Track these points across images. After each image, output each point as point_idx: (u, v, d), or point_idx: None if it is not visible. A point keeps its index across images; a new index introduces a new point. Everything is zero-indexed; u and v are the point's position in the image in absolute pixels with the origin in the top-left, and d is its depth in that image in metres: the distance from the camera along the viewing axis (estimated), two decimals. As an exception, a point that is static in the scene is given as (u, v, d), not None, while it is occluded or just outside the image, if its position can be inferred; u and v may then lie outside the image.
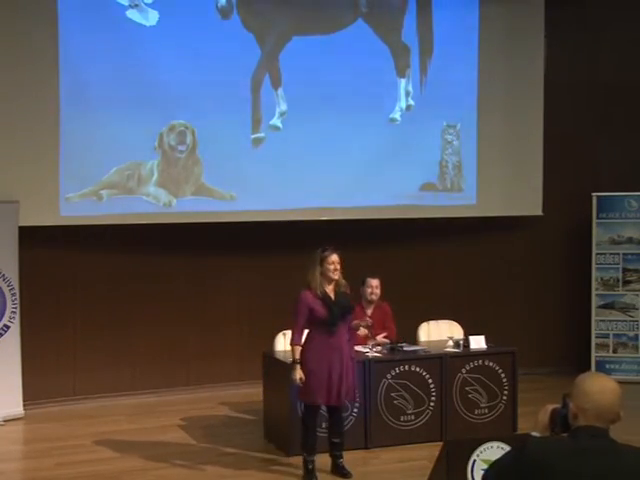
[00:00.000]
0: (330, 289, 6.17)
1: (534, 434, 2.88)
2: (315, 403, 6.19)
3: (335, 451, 6.37)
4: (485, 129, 9.46)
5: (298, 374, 6.10)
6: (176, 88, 8.46)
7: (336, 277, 6.15)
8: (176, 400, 8.65)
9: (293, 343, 6.18)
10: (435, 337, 7.88)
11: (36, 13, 7.96)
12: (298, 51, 8.82)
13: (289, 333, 6.37)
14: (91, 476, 6.41)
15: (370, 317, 7.52)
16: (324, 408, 6.38)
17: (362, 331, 7.35)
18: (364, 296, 7.54)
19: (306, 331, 6.24)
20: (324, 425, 6.50)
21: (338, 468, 6.33)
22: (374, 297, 7.53)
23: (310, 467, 6.24)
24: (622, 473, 2.66)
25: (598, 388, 2.73)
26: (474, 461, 5.11)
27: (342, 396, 6.18)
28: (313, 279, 6.13)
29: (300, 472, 6.30)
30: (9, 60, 7.91)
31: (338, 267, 6.14)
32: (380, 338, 7.38)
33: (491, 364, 7.28)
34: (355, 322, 6.59)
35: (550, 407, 2.90)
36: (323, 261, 6.13)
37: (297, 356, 6.12)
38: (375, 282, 7.55)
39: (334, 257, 6.14)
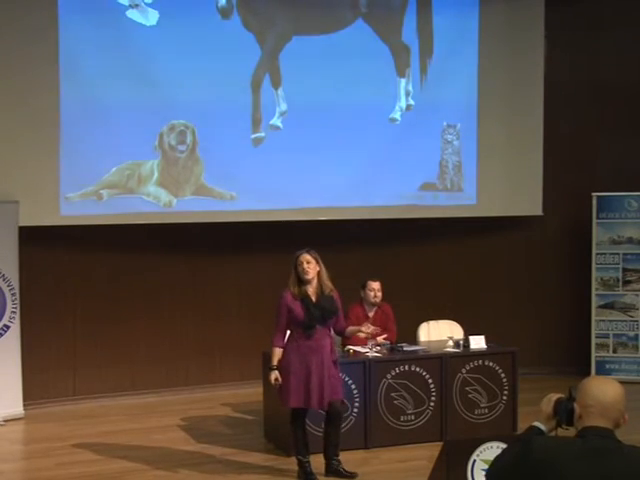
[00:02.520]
0: (312, 291, 6.11)
1: (537, 424, 2.89)
2: (291, 405, 6.11)
3: (333, 456, 6.32)
4: (485, 129, 9.46)
5: (273, 376, 6.10)
6: (176, 88, 8.46)
7: (308, 277, 6.06)
8: (176, 400, 8.65)
9: (273, 345, 6.18)
10: (435, 337, 7.87)
11: (36, 13, 7.95)
12: (298, 51, 8.82)
13: (288, 333, 6.33)
14: (91, 476, 6.41)
15: (372, 319, 7.50)
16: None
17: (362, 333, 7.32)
18: (366, 299, 7.53)
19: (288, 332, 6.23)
20: (323, 425, 6.49)
21: (340, 472, 6.29)
22: (377, 300, 7.52)
23: (308, 469, 6.22)
24: (629, 475, 2.67)
25: (601, 386, 2.76)
26: (474, 461, 5.10)
27: (325, 400, 6.09)
28: (290, 282, 6.12)
29: (300, 472, 6.31)
30: (9, 60, 7.91)
31: (308, 266, 6.05)
32: (380, 340, 7.37)
33: (491, 364, 7.28)
34: (352, 328, 6.52)
35: (554, 396, 2.91)
36: (295, 262, 6.11)
37: (274, 362, 6.12)
38: (376, 285, 7.53)
39: (303, 257, 6.08)
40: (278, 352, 6.14)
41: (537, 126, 9.59)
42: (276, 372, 6.11)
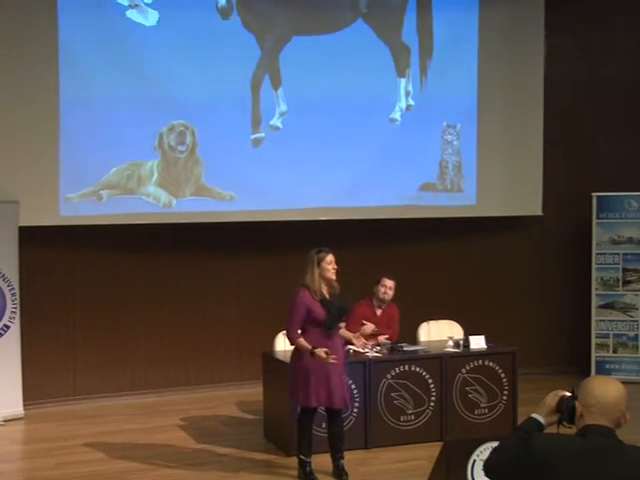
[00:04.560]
0: (326, 291, 6.11)
1: (536, 416, 2.90)
2: (314, 405, 6.11)
3: (336, 452, 6.33)
4: (485, 129, 9.46)
5: (322, 352, 5.90)
6: (176, 88, 8.46)
7: (334, 277, 6.09)
8: (176, 400, 8.65)
9: (294, 338, 6.06)
10: (435, 337, 7.87)
11: (36, 14, 7.95)
12: (298, 51, 8.82)
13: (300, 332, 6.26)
14: (91, 476, 6.41)
15: (379, 317, 7.49)
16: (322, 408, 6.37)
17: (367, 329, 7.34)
18: (376, 295, 7.51)
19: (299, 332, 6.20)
20: (323, 425, 6.49)
21: (337, 470, 6.30)
22: (386, 297, 7.48)
23: (308, 469, 6.22)
24: (629, 474, 2.67)
25: (602, 386, 2.78)
26: (474, 461, 5.10)
27: (346, 398, 6.17)
28: (312, 282, 6.04)
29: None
30: (9, 60, 7.91)
31: (336, 267, 6.09)
32: (382, 339, 7.37)
33: (491, 364, 7.28)
34: (345, 334, 6.54)
35: (561, 393, 2.93)
36: (320, 262, 6.05)
37: (309, 346, 5.95)
38: (390, 283, 7.50)
39: (331, 257, 6.08)
40: (304, 340, 6.00)
41: (537, 126, 9.58)
42: (321, 349, 5.92)
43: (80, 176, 8.23)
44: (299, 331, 6.15)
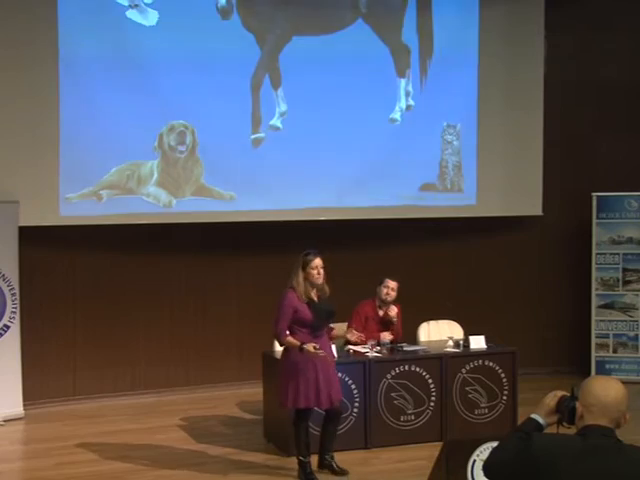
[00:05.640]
0: (314, 293, 6.12)
1: (535, 417, 2.90)
2: (302, 406, 6.11)
3: (325, 451, 6.35)
4: (485, 129, 9.46)
5: (312, 346, 5.93)
6: (176, 88, 8.46)
7: (320, 282, 6.08)
8: (176, 400, 8.65)
9: (283, 337, 6.06)
10: (435, 337, 7.87)
11: (36, 14, 7.96)
12: (298, 51, 8.82)
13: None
14: (91, 476, 6.42)
15: (381, 317, 7.50)
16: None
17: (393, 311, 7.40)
18: (379, 294, 7.50)
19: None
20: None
21: (332, 467, 6.33)
22: (389, 298, 7.48)
23: (308, 469, 6.23)
24: (629, 474, 2.68)
25: (603, 386, 2.78)
26: (474, 461, 5.10)
27: (333, 398, 6.16)
28: (298, 285, 6.06)
29: (300, 472, 6.31)
30: (9, 60, 7.91)
31: (321, 271, 6.06)
32: (385, 335, 7.37)
33: (491, 364, 7.28)
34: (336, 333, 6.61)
35: (560, 393, 2.93)
36: (306, 265, 6.07)
37: (297, 342, 5.98)
38: (393, 284, 7.49)
39: (317, 261, 6.07)
40: (291, 337, 6.03)
41: (537, 126, 9.58)
42: (310, 344, 5.95)
43: (80, 176, 8.23)
44: (287, 332, 6.14)
